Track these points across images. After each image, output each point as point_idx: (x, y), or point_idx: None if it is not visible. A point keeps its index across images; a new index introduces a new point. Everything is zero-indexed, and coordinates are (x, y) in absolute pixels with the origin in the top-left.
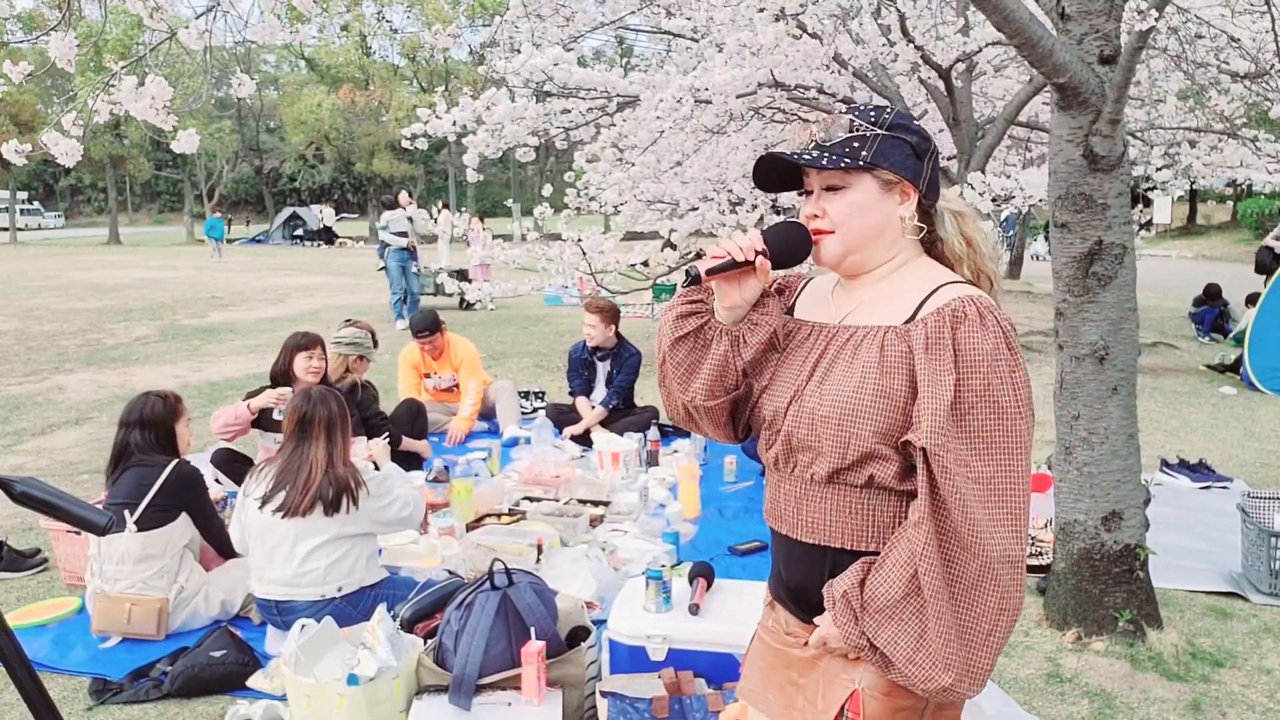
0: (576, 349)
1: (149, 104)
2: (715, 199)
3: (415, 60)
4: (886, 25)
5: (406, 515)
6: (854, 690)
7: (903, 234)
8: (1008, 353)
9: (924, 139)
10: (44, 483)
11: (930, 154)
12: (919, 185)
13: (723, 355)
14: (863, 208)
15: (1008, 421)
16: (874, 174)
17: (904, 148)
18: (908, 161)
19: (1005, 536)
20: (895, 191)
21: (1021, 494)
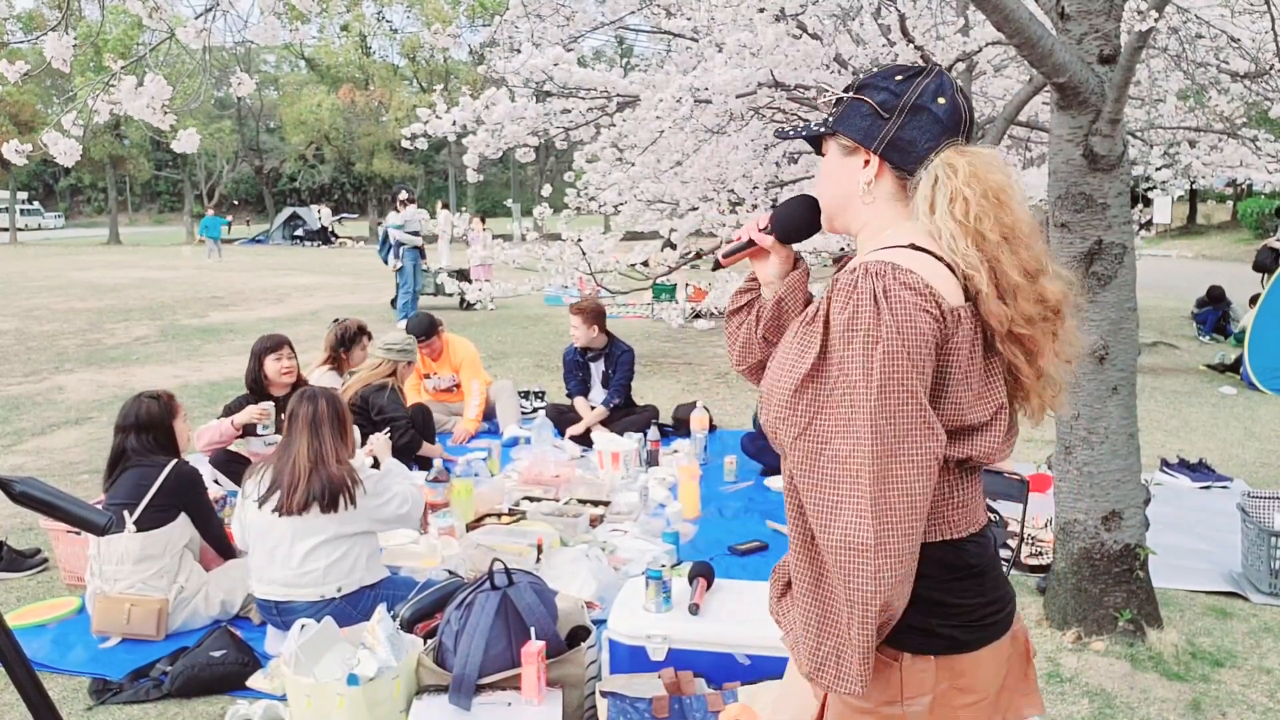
0: (569, 351)
1: (147, 103)
2: (715, 199)
3: (415, 60)
4: (886, 25)
5: (405, 513)
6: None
7: (865, 201)
8: (870, 322)
9: (894, 94)
10: (44, 483)
11: (900, 109)
12: (871, 146)
13: (749, 324)
14: (826, 175)
15: (851, 396)
16: (835, 139)
17: (862, 108)
18: (863, 123)
19: (848, 519)
20: (857, 156)
21: (872, 477)
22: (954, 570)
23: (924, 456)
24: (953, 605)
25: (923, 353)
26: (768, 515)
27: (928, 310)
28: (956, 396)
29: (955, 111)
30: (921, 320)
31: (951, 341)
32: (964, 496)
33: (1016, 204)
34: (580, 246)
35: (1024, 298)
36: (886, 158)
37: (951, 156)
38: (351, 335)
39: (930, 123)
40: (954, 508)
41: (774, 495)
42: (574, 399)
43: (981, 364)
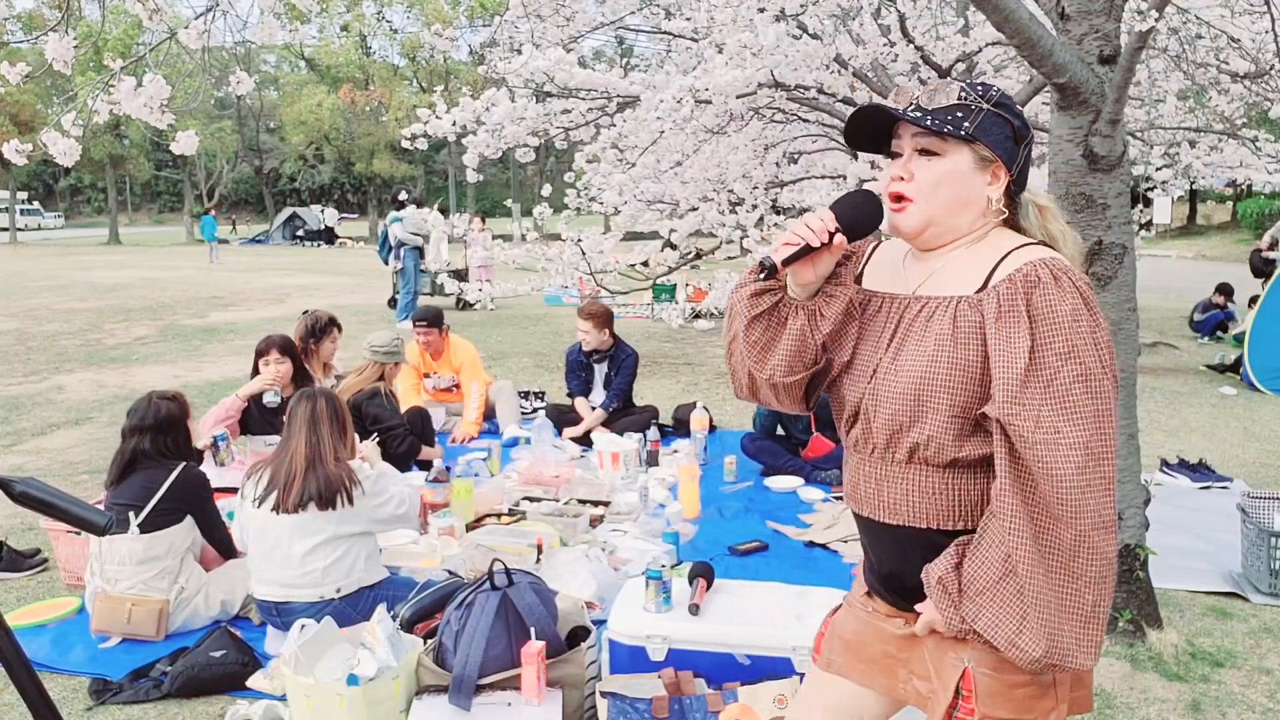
0: (572, 351)
1: (145, 103)
2: (715, 199)
3: (415, 60)
4: (886, 25)
5: (402, 514)
6: (964, 669)
7: (985, 213)
8: (1087, 313)
9: (1025, 124)
10: (44, 483)
11: (1028, 141)
12: (1011, 168)
13: (800, 330)
14: (953, 179)
15: (1094, 384)
16: (972, 147)
17: (1006, 128)
18: (1006, 142)
19: (1101, 502)
20: (988, 170)
21: (1112, 457)
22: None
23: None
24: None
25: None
26: (767, 515)
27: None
28: None
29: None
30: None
31: None
32: None
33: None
34: (580, 246)
35: None
36: (1016, 180)
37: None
38: (322, 326)
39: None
40: None
41: (774, 495)
42: (575, 399)
43: None
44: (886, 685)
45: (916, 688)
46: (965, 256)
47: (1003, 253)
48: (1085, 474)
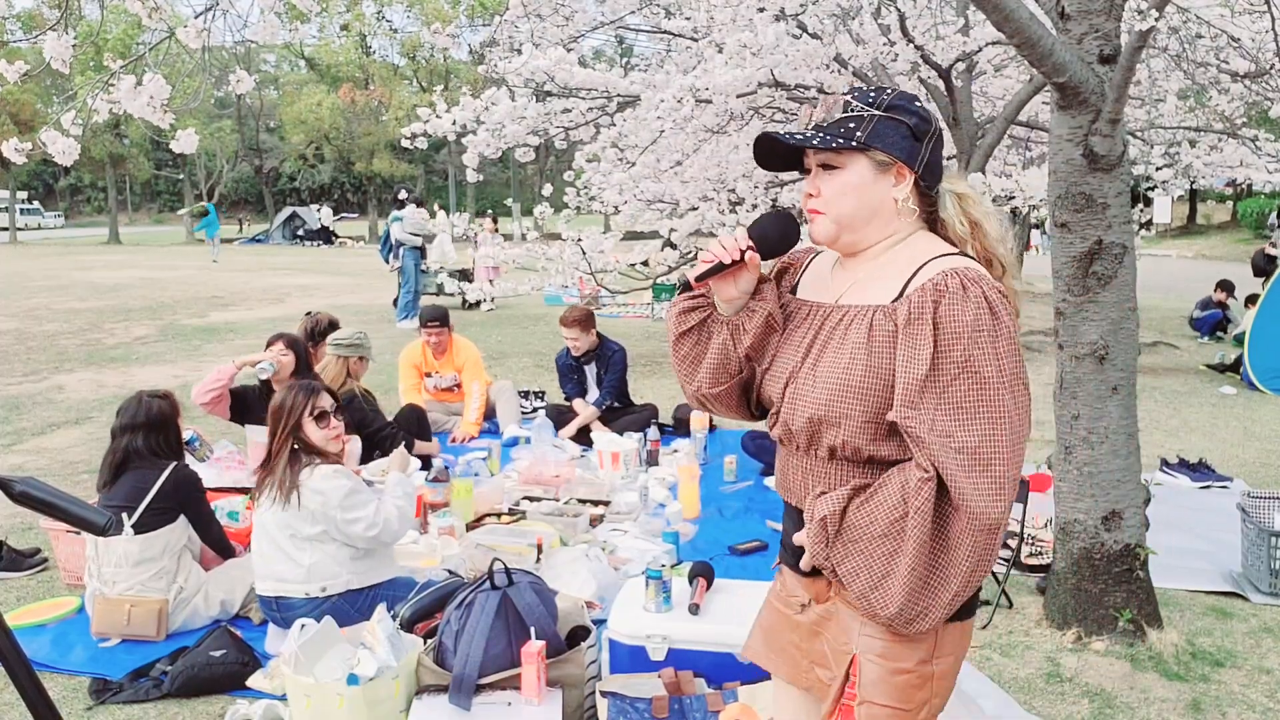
0: (561, 355)
1: (146, 102)
2: (715, 198)
3: (415, 60)
4: (886, 25)
5: (373, 535)
6: (853, 655)
7: (897, 215)
8: (991, 322)
9: (924, 120)
10: (44, 483)
11: (930, 135)
12: (914, 167)
13: (722, 344)
14: (855, 188)
15: (989, 392)
16: (868, 154)
17: (900, 129)
18: (903, 143)
19: (988, 503)
20: (890, 173)
21: (1006, 462)
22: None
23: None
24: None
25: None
26: (767, 515)
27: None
28: None
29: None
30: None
31: None
32: None
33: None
34: (580, 246)
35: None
36: (922, 178)
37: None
38: (323, 329)
39: (943, 148)
40: None
41: (773, 495)
42: (572, 401)
43: None
44: (791, 674)
45: (819, 676)
46: (885, 265)
47: (920, 262)
48: (973, 477)
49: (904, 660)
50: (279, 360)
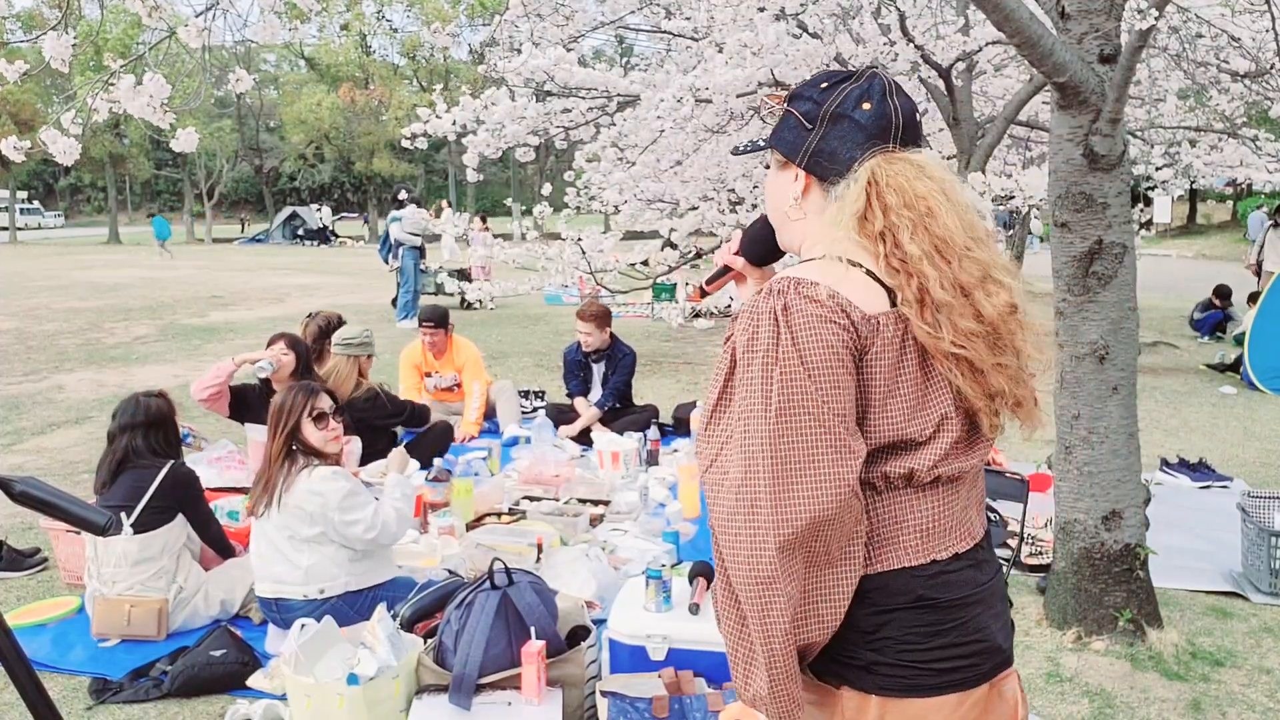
0: (571, 350)
1: (146, 102)
2: (715, 198)
3: (415, 59)
4: (886, 25)
5: (372, 537)
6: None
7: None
8: (770, 338)
9: (816, 103)
10: (44, 482)
11: (823, 118)
12: (796, 159)
13: None
14: (769, 190)
15: (749, 421)
16: (772, 154)
17: (789, 120)
18: (790, 134)
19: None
20: (788, 170)
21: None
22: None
23: (832, 482)
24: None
25: (830, 368)
26: None
27: (834, 320)
28: (888, 408)
29: (882, 117)
30: (827, 332)
31: (871, 350)
32: (922, 519)
33: (949, 212)
34: (580, 246)
35: (959, 315)
36: (811, 170)
37: (876, 166)
38: (333, 328)
39: (852, 130)
40: (908, 531)
41: None
42: (574, 399)
43: (917, 373)
44: None
45: None
46: None
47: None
48: (735, 520)
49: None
50: (279, 359)
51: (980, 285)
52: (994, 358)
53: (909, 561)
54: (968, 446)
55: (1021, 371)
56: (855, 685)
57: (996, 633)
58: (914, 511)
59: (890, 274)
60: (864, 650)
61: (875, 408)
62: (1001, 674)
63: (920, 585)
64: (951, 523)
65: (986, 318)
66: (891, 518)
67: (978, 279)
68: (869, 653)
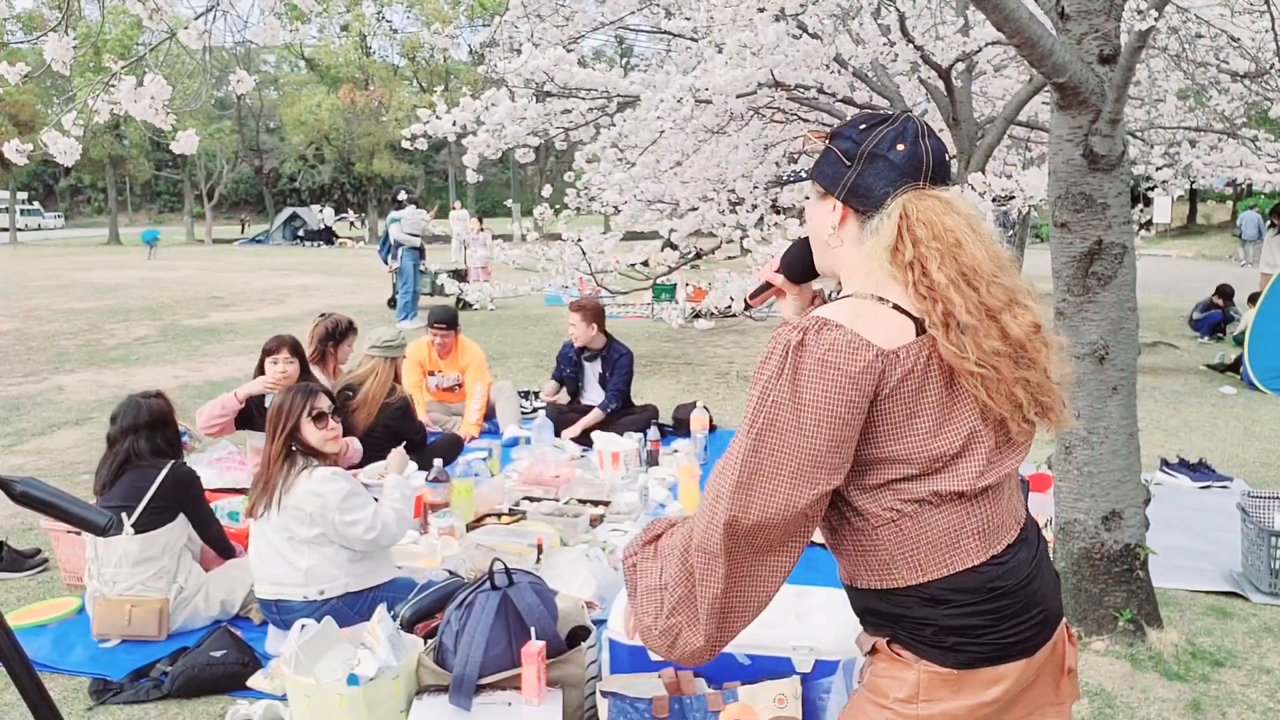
0: (566, 346)
1: (148, 104)
2: (715, 199)
3: (415, 60)
4: (886, 25)
5: (372, 538)
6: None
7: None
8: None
9: (855, 142)
10: (44, 483)
11: (861, 156)
12: (835, 191)
13: None
14: (809, 217)
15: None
16: (813, 186)
17: (830, 156)
18: (830, 169)
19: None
20: (826, 201)
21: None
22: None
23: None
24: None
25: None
26: None
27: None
28: (913, 427)
29: (914, 157)
30: (829, 377)
31: (889, 383)
32: (979, 523)
33: (975, 243)
34: (580, 246)
35: (984, 336)
36: (848, 203)
37: (907, 202)
38: (343, 330)
39: (886, 169)
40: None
41: None
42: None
43: (942, 392)
44: None
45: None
46: None
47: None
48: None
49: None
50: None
51: (1007, 308)
52: (1017, 373)
53: (973, 562)
54: (1004, 452)
55: (1046, 382)
56: (936, 661)
57: (1051, 598)
58: (971, 518)
59: (918, 300)
60: (949, 636)
61: (898, 430)
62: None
63: (987, 579)
64: (1002, 518)
65: (1013, 338)
66: (951, 528)
67: (1004, 303)
68: (953, 637)
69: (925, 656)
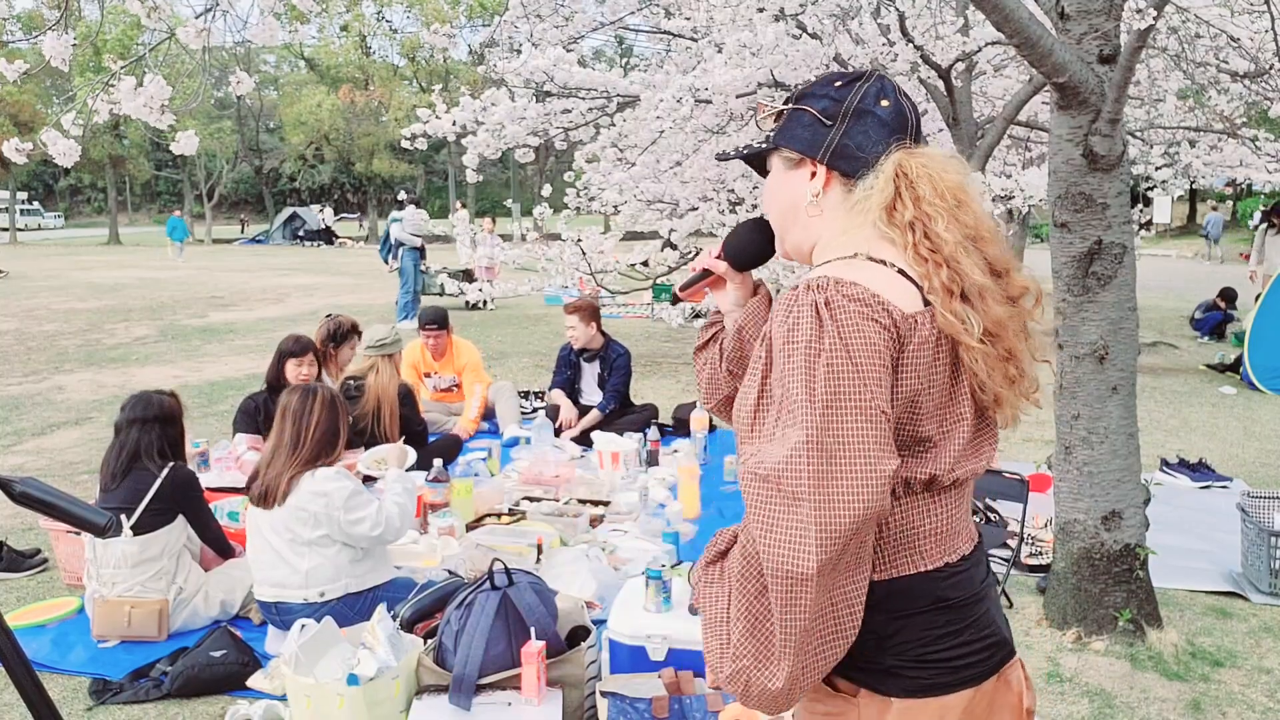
0: (565, 348)
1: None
2: (715, 199)
3: (415, 60)
4: (886, 25)
5: (377, 535)
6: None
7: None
8: (812, 333)
9: (835, 100)
10: (44, 483)
11: (844, 114)
12: (818, 155)
13: (710, 359)
14: (774, 192)
15: (792, 413)
16: (779, 154)
17: (803, 118)
18: (805, 132)
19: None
20: (803, 168)
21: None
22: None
23: (876, 478)
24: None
25: (875, 365)
26: None
27: (876, 319)
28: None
29: (900, 113)
30: (870, 330)
31: (908, 350)
32: (937, 523)
33: (977, 203)
34: (580, 246)
35: (992, 299)
36: (833, 166)
37: (902, 159)
38: (344, 332)
39: (875, 126)
40: (925, 536)
41: None
42: (553, 390)
43: (947, 374)
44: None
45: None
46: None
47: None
48: (773, 514)
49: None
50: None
51: (1008, 272)
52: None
53: (926, 566)
54: (976, 449)
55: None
56: (875, 689)
57: (1002, 626)
58: (931, 516)
59: (918, 263)
60: (883, 655)
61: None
62: (1008, 664)
63: (937, 588)
64: (959, 525)
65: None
66: (910, 523)
67: (1005, 268)
68: (888, 657)
69: (863, 684)
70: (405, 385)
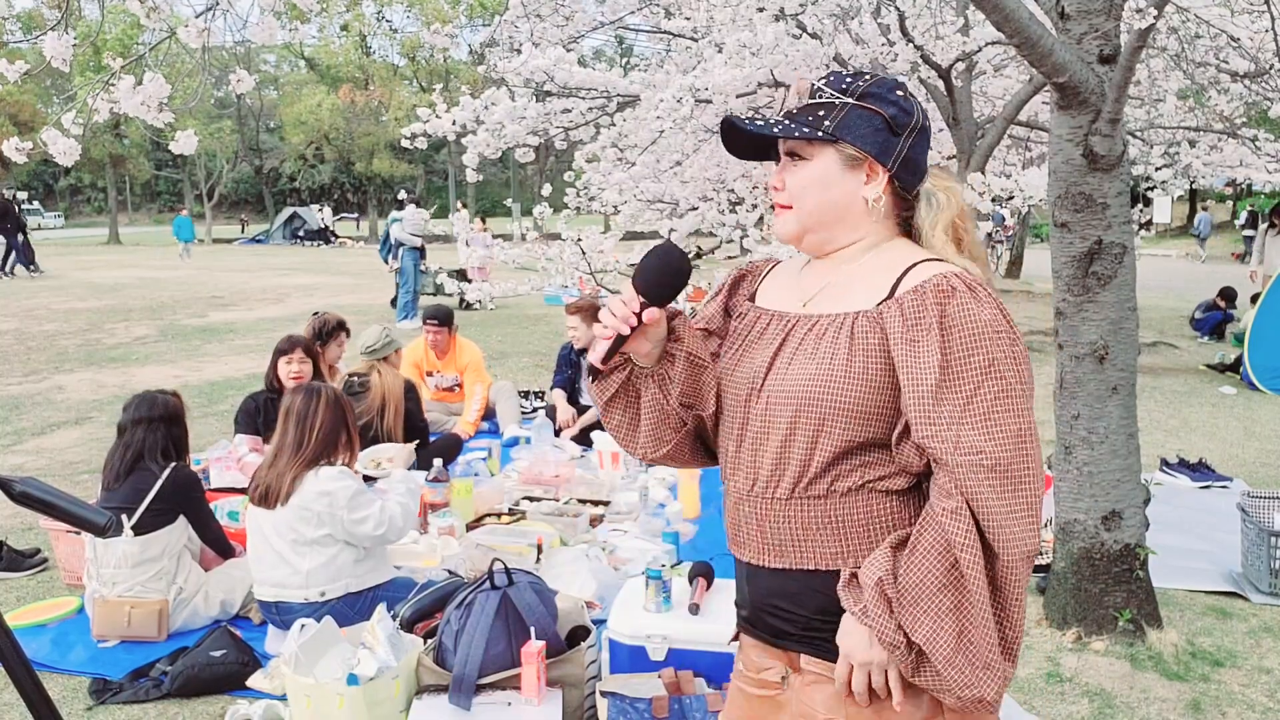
0: (565, 348)
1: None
2: (715, 199)
3: (415, 60)
4: (886, 25)
5: (380, 534)
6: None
7: (867, 216)
8: (1007, 325)
9: (904, 111)
10: (44, 483)
11: (911, 129)
12: (888, 163)
13: (653, 400)
14: (822, 183)
15: (1015, 400)
16: (836, 147)
17: (874, 120)
18: (875, 136)
19: (1025, 530)
20: (860, 169)
21: (1036, 480)
22: None
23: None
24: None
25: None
26: None
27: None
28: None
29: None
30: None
31: None
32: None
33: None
34: (580, 246)
35: None
36: (898, 176)
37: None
38: (330, 329)
39: (926, 142)
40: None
41: None
42: (554, 390)
43: None
44: None
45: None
46: (862, 269)
47: (904, 266)
48: (1006, 498)
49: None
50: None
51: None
52: None
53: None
54: None
55: None
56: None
57: None
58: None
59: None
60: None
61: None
62: None
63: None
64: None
65: None
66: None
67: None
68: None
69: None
70: (409, 381)
